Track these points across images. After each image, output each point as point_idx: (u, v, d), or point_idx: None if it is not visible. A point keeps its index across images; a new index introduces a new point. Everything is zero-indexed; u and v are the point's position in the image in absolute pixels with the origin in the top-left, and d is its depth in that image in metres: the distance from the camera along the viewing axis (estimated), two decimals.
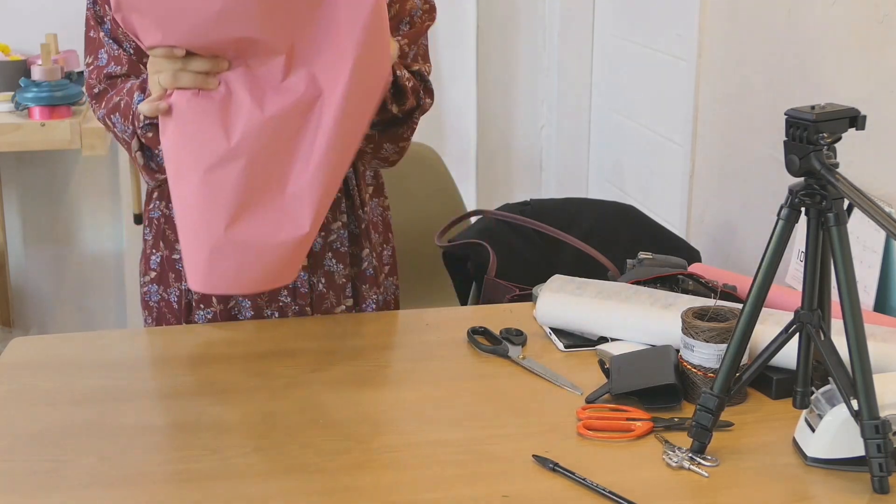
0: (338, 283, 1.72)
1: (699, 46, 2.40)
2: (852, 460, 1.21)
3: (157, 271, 1.73)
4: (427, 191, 2.72)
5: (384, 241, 1.82)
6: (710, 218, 2.42)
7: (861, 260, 1.62)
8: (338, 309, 1.72)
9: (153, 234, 1.73)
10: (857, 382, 1.17)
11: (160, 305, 1.73)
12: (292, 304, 1.69)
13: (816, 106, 1.18)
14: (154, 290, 1.74)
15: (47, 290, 3.31)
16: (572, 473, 1.20)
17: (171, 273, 1.72)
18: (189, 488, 1.20)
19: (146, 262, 1.75)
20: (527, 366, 1.51)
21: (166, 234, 1.71)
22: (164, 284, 1.73)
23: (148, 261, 1.74)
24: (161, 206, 1.71)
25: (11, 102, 2.82)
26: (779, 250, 1.22)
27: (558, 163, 3.44)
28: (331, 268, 1.70)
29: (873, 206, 1.11)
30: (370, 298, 1.76)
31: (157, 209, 1.72)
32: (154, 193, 1.72)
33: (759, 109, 2.14)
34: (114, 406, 1.39)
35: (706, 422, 1.25)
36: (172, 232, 1.68)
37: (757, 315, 1.24)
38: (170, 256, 1.71)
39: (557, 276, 1.68)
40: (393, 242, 1.85)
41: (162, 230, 1.71)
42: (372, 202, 1.78)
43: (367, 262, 1.75)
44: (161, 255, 1.72)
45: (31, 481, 1.21)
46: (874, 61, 1.72)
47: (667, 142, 2.70)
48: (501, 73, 3.42)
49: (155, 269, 1.73)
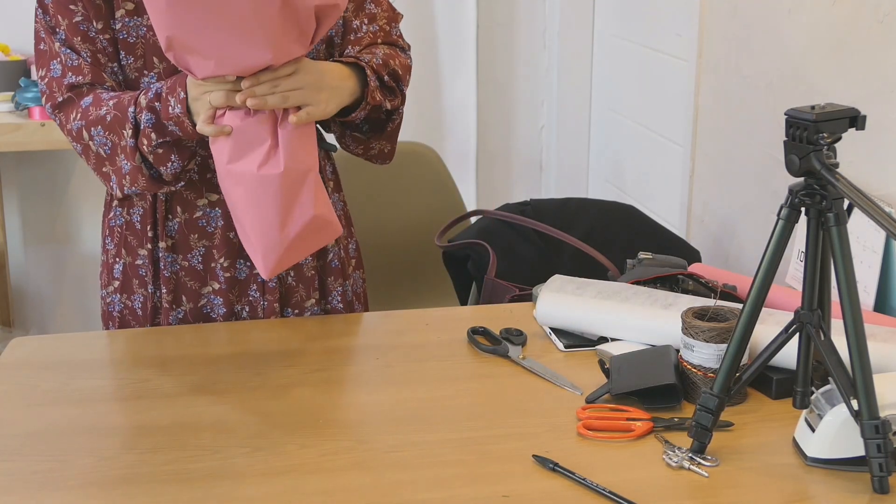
0: (307, 275, 1.72)
1: (699, 46, 2.40)
2: (852, 460, 1.21)
3: (121, 280, 1.71)
4: (427, 191, 2.72)
5: (348, 234, 1.83)
6: (710, 218, 2.42)
7: (861, 260, 1.61)
8: (307, 303, 1.73)
9: (115, 242, 1.71)
10: (857, 382, 1.17)
11: (123, 314, 1.71)
12: (261, 299, 1.69)
13: (816, 106, 1.18)
14: (117, 300, 1.72)
15: (47, 290, 3.31)
16: (572, 473, 1.20)
17: (134, 279, 1.70)
18: (189, 488, 1.20)
19: (108, 272, 1.73)
20: (527, 366, 1.51)
21: (128, 240, 1.69)
22: (127, 292, 1.71)
23: (111, 271, 1.72)
24: (123, 213, 1.68)
25: (11, 102, 2.83)
26: (779, 250, 1.22)
27: (558, 163, 3.44)
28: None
29: (873, 206, 1.11)
30: (335, 290, 1.76)
31: (120, 216, 1.69)
32: (113, 202, 1.71)
33: (759, 109, 2.13)
34: (114, 406, 1.39)
35: (706, 422, 1.25)
36: (134, 237, 1.67)
37: (757, 315, 1.24)
38: (133, 263, 1.69)
39: (557, 276, 1.68)
40: (356, 237, 1.86)
41: (124, 237, 1.70)
42: (333, 197, 1.79)
43: (333, 254, 1.76)
44: (124, 262, 1.70)
45: (31, 481, 1.21)
46: (874, 61, 1.72)
47: (667, 142, 2.70)
48: (501, 73, 3.42)
49: (118, 277, 1.71)
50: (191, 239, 1.66)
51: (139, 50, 1.58)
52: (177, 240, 1.66)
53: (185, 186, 1.65)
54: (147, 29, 1.57)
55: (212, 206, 1.65)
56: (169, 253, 1.67)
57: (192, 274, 1.67)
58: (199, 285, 1.68)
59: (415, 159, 2.75)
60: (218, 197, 1.65)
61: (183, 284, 1.68)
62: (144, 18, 1.57)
